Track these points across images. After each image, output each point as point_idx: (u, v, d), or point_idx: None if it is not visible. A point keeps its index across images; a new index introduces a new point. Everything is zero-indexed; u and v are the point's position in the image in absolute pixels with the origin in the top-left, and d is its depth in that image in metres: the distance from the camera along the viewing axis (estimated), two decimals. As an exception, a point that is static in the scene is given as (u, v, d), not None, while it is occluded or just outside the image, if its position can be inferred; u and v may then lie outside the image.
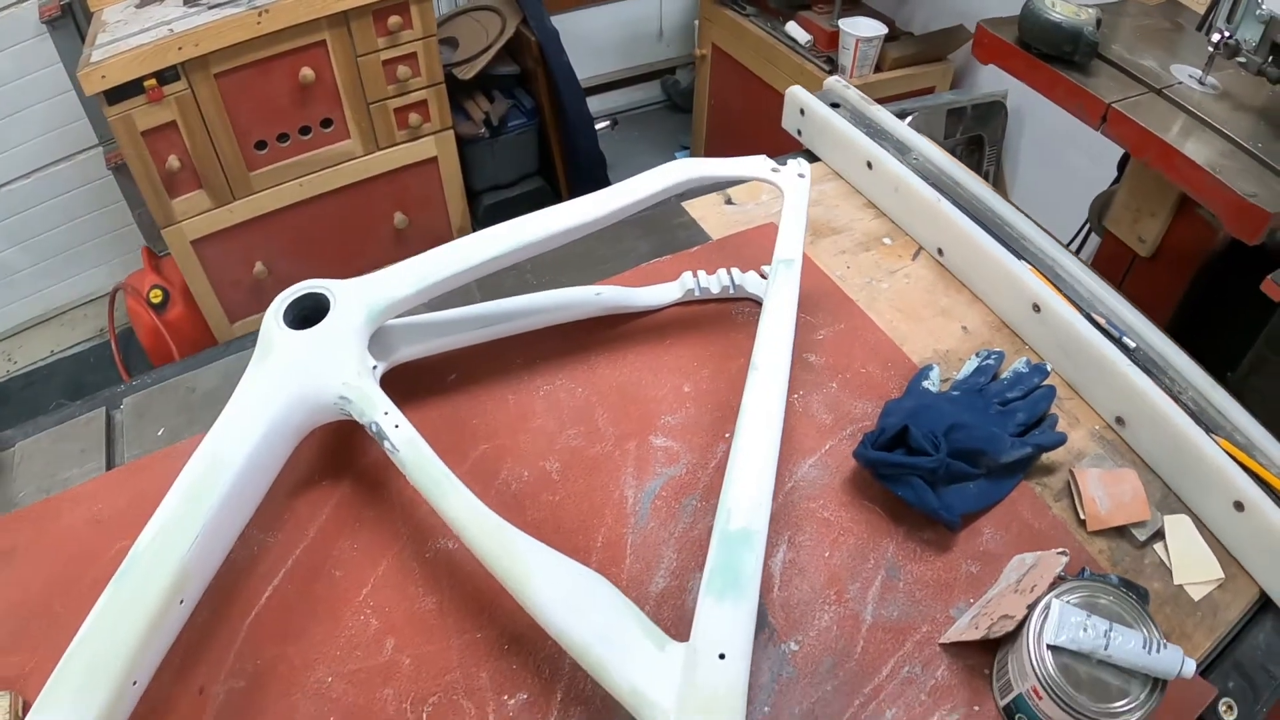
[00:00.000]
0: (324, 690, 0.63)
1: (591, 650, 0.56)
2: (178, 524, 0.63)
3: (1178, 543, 0.74)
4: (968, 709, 0.63)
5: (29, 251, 2.11)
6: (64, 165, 2.02)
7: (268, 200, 1.69)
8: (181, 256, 1.68)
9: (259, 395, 0.70)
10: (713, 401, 0.79)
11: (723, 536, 0.60)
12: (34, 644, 0.67)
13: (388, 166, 1.75)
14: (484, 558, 0.60)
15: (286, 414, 0.69)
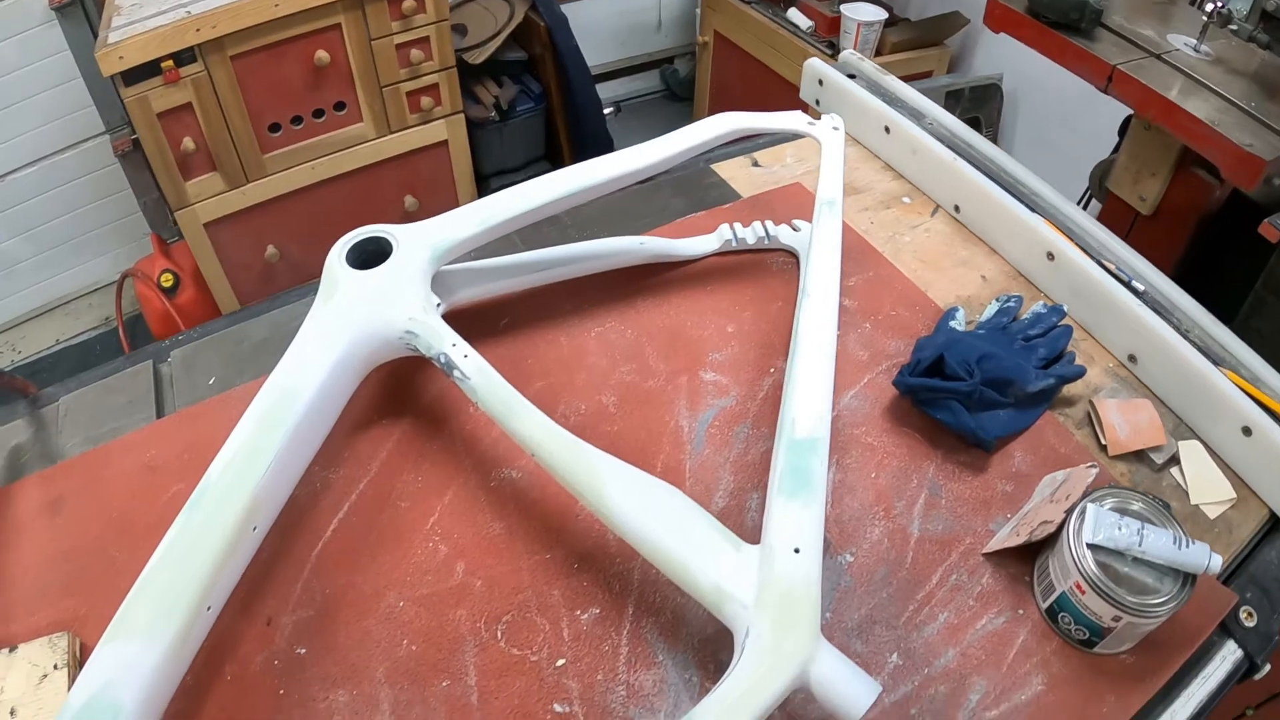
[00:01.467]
0: (396, 614, 0.66)
1: (671, 552, 0.59)
2: (250, 452, 0.66)
3: (1192, 466, 0.79)
4: (1012, 613, 0.67)
5: (33, 241, 2.10)
6: (69, 154, 2.02)
7: (281, 183, 1.70)
8: (194, 239, 1.69)
9: (327, 331, 0.72)
10: (756, 340, 0.82)
11: (789, 443, 0.63)
12: (89, 588, 0.69)
13: (399, 150, 1.78)
14: (559, 473, 0.63)
15: (353, 348, 0.72)
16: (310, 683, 0.63)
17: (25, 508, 0.75)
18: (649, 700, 0.61)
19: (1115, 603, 0.62)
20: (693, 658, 0.63)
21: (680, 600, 0.66)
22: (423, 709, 0.61)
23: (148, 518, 0.73)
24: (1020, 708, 0.62)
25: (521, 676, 0.62)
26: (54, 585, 0.69)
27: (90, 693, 0.56)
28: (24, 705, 0.62)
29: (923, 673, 0.64)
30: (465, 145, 1.87)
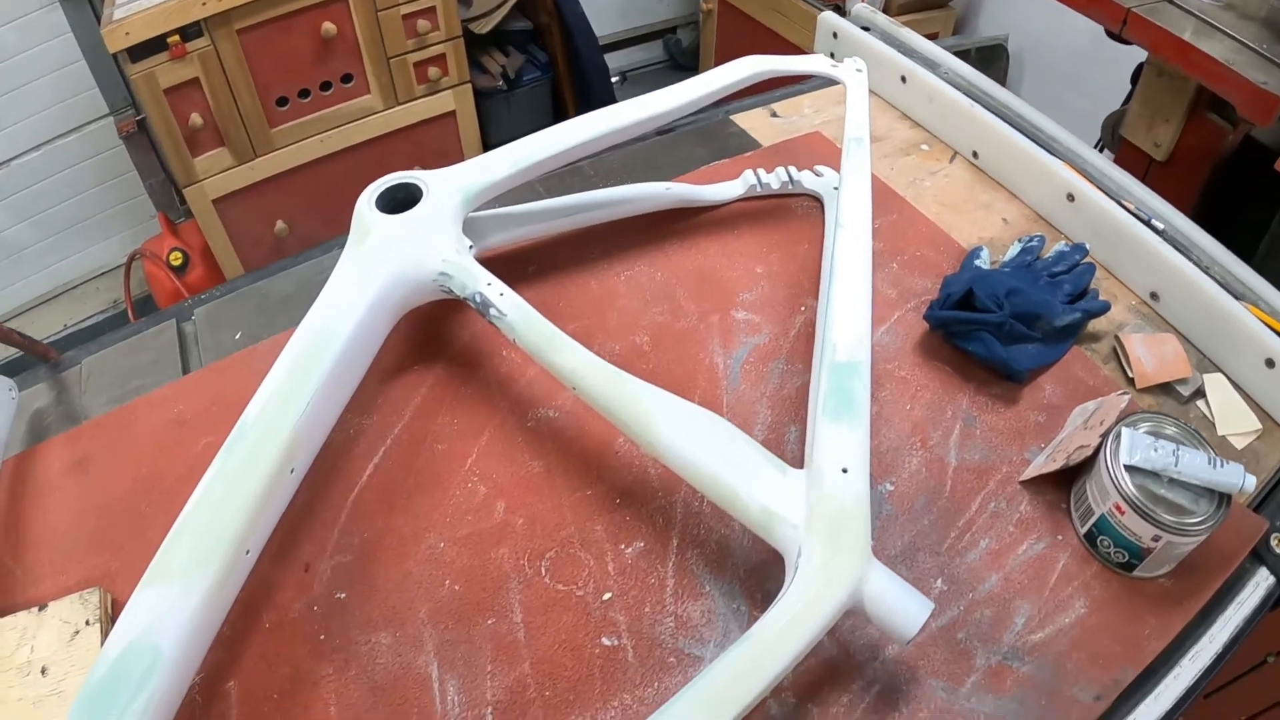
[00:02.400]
0: (437, 555, 0.65)
1: (720, 478, 0.58)
2: (287, 394, 0.64)
3: (1217, 397, 0.78)
4: (1051, 538, 0.66)
5: (39, 227, 2.06)
6: (74, 137, 1.98)
7: (289, 157, 1.68)
8: (203, 215, 1.66)
9: (359, 275, 0.71)
10: (785, 280, 0.81)
11: (831, 368, 0.62)
12: (119, 544, 0.67)
13: (407, 121, 1.75)
14: (603, 404, 0.62)
15: (387, 291, 0.70)
16: (351, 627, 0.62)
17: (51, 468, 0.74)
18: (698, 631, 0.60)
19: (1154, 522, 0.61)
20: (740, 588, 0.62)
21: (725, 532, 0.65)
22: (468, 648, 0.60)
23: (177, 471, 0.72)
24: (1064, 630, 0.62)
25: (568, 611, 0.61)
26: (82, 543, 0.68)
27: (128, 640, 0.55)
28: (55, 663, 0.61)
29: (967, 597, 0.63)
30: (473, 115, 1.84)
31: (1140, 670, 0.60)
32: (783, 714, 0.57)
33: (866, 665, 0.59)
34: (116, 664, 0.54)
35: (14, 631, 0.63)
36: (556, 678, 0.58)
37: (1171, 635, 0.62)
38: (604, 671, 0.58)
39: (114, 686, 0.53)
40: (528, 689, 0.58)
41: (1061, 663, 0.60)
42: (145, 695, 0.53)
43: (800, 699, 0.58)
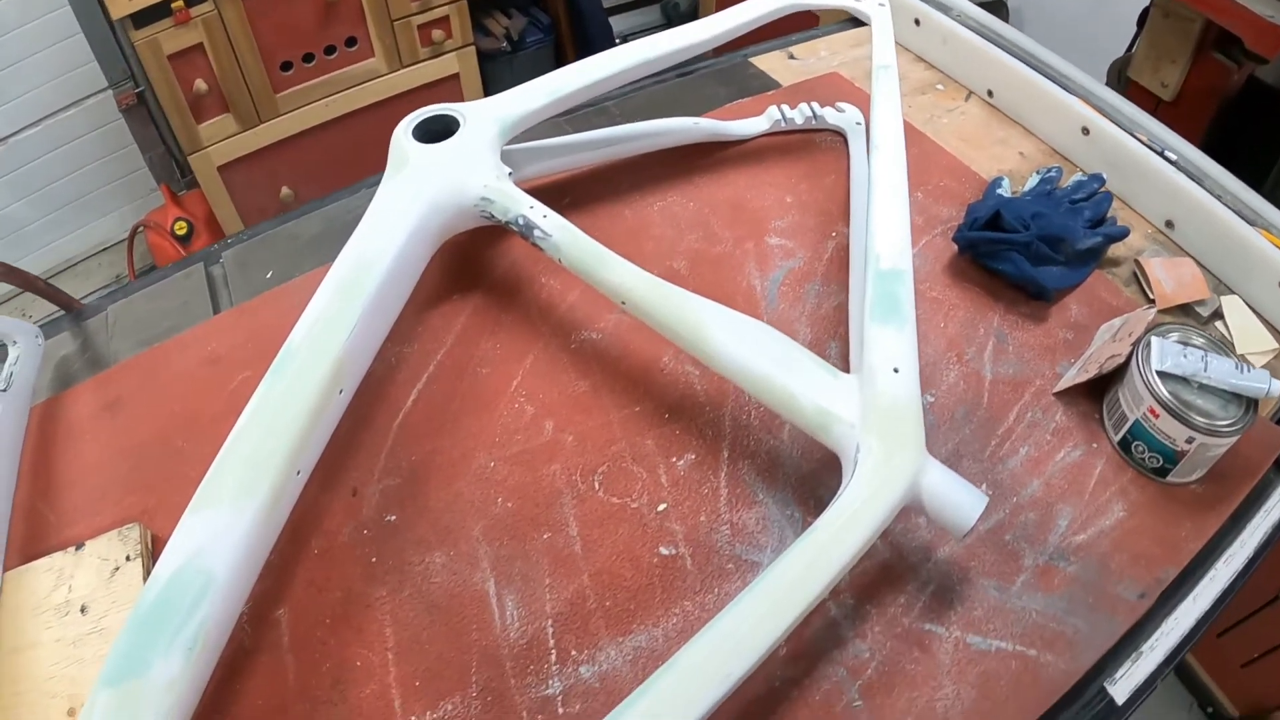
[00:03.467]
0: (488, 474, 0.63)
1: (774, 380, 0.57)
2: (333, 316, 0.63)
3: (1235, 318, 0.79)
4: (1087, 446, 0.66)
5: (40, 203, 2.00)
6: (73, 111, 1.92)
7: (294, 122, 1.64)
8: (208, 183, 1.62)
9: (400, 202, 0.69)
10: (815, 208, 0.80)
11: (876, 275, 0.62)
12: (156, 482, 0.66)
13: (411, 84, 1.71)
14: (654, 315, 0.61)
15: (428, 217, 0.68)
16: (404, 548, 0.61)
17: (81, 412, 0.72)
18: (754, 537, 0.60)
19: (1188, 424, 0.61)
20: (792, 495, 0.62)
21: (774, 443, 0.64)
22: (525, 562, 0.59)
23: (214, 408, 0.70)
24: (1106, 532, 0.62)
25: (624, 523, 0.60)
26: (117, 484, 0.66)
27: (179, 563, 0.53)
28: (95, 601, 0.60)
29: (1011, 501, 0.63)
30: (477, 77, 1.80)
31: (1180, 570, 0.60)
32: (842, 615, 0.57)
33: (920, 567, 0.59)
34: (167, 589, 0.52)
35: (50, 573, 0.61)
36: (616, 588, 0.57)
37: (1206, 537, 0.62)
38: (663, 580, 0.58)
39: (165, 611, 0.51)
40: (587, 600, 0.57)
41: (1105, 563, 0.60)
42: (198, 619, 0.51)
43: (859, 600, 0.57)
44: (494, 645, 0.56)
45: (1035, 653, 0.56)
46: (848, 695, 0.54)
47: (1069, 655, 0.56)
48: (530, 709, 0.53)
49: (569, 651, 0.55)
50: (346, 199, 0.87)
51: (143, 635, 0.51)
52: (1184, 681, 1.29)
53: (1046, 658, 0.56)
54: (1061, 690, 0.55)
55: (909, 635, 0.56)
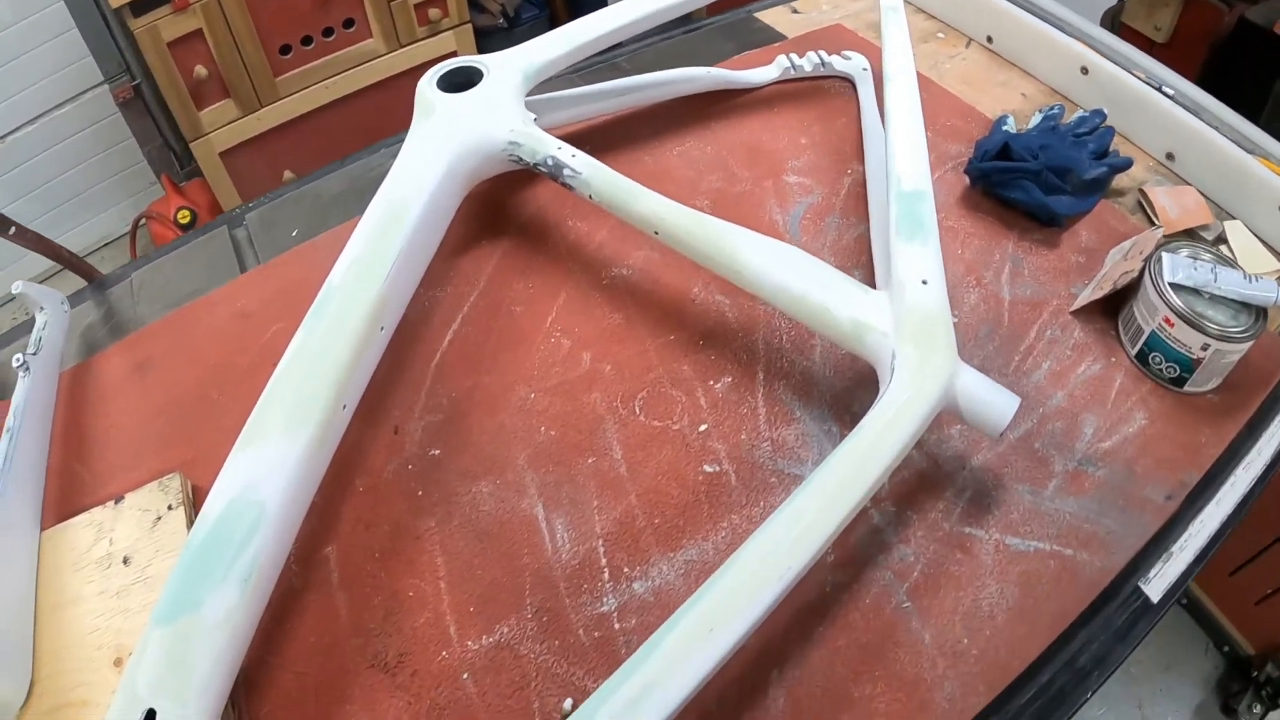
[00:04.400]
0: (529, 405, 0.63)
1: (809, 296, 0.58)
2: (371, 256, 0.62)
3: (1238, 241, 0.80)
4: (1105, 360, 0.67)
5: (39, 201, 1.97)
6: (70, 107, 1.89)
7: (294, 105, 1.62)
8: (210, 169, 1.61)
9: (429, 148, 0.69)
10: (828, 148, 0.81)
11: (899, 195, 0.63)
12: (193, 435, 0.65)
13: (409, 64, 1.70)
14: (688, 243, 0.61)
15: (458, 162, 0.68)
16: (450, 480, 0.60)
17: (111, 374, 0.71)
18: (794, 452, 0.60)
19: (1203, 330, 0.62)
20: (829, 411, 0.62)
21: (806, 364, 0.65)
22: (571, 487, 0.59)
23: (248, 360, 0.69)
24: (1130, 439, 0.62)
25: (667, 445, 0.61)
26: (153, 439, 0.65)
27: (230, 497, 0.52)
28: (138, 552, 0.59)
29: (1038, 412, 0.63)
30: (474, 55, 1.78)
31: (1202, 475, 0.61)
32: (885, 522, 0.57)
33: (955, 474, 0.60)
34: (219, 524, 0.52)
35: (89, 528, 0.61)
36: (664, 506, 0.58)
37: (1226, 443, 0.63)
38: (709, 496, 0.58)
39: (218, 545, 0.51)
40: (636, 519, 0.57)
41: (1131, 467, 0.61)
42: (251, 551, 0.51)
43: (900, 507, 0.58)
44: (546, 567, 0.56)
45: (1072, 552, 0.56)
46: (896, 597, 0.54)
47: (1104, 554, 0.57)
48: (586, 626, 0.53)
49: (621, 569, 0.55)
50: (367, 158, 0.87)
51: (196, 571, 0.51)
52: (1199, 621, 1.30)
53: (1083, 556, 0.56)
54: (1100, 587, 0.55)
55: (950, 539, 0.57)
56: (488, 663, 0.53)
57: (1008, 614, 0.54)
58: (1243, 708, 1.19)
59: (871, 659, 0.52)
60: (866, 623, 0.53)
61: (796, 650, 0.52)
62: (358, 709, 0.52)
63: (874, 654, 0.52)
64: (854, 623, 0.53)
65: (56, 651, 0.55)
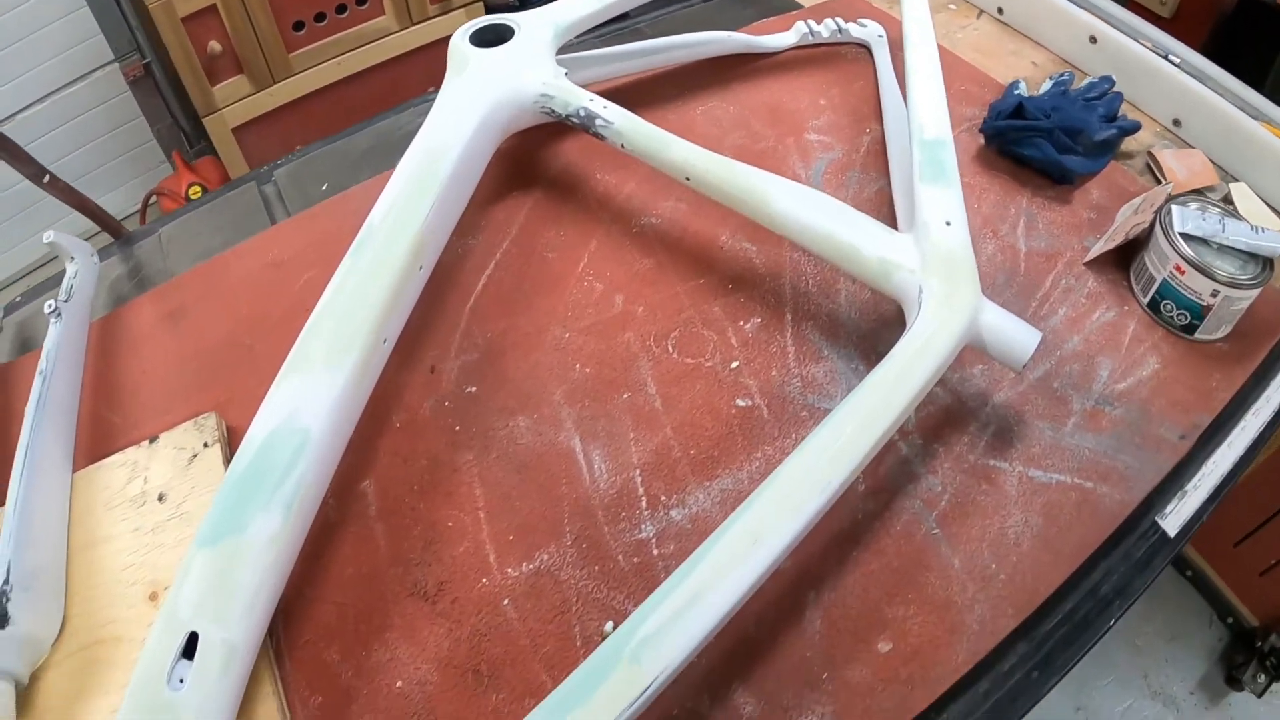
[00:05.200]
0: (564, 345, 0.64)
1: (837, 236, 0.59)
2: (410, 197, 0.63)
3: (1243, 202, 0.81)
4: (1119, 308, 0.68)
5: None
6: (79, 85, 1.87)
7: (307, 81, 1.61)
8: (222, 145, 1.60)
9: (464, 99, 0.69)
10: (847, 109, 0.81)
11: (921, 143, 0.64)
12: (227, 378, 0.65)
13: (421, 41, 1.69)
14: (720, 188, 0.62)
15: (491, 113, 0.69)
16: (487, 415, 0.61)
17: (141, 324, 0.71)
18: (823, 388, 0.61)
19: (1212, 277, 0.63)
20: (855, 351, 0.63)
21: (832, 306, 0.65)
22: (607, 421, 0.60)
23: (281, 308, 0.69)
24: (1144, 381, 0.63)
25: (700, 380, 0.61)
26: (186, 384, 0.66)
27: (274, 424, 0.53)
28: (173, 489, 0.59)
29: (1056, 354, 0.64)
30: None
31: (1214, 417, 0.62)
32: (913, 453, 0.58)
33: (979, 410, 0.61)
34: (264, 449, 0.52)
35: (122, 468, 0.60)
36: (698, 438, 0.58)
37: (1236, 387, 0.64)
38: (742, 428, 0.59)
39: (263, 469, 0.51)
40: (672, 450, 0.58)
41: (1146, 408, 0.62)
42: (296, 476, 0.51)
43: (926, 440, 0.59)
44: (584, 497, 0.56)
45: (1092, 485, 0.58)
46: (926, 525, 0.55)
47: (1123, 487, 0.58)
48: (625, 552, 0.54)
49: (658, 497, 0.56)
50: (394, 116, 0.87)
51: (241, 494, 0.51)
52: (1203, 593, 1.30)
53: (1102, 489, 0.57)
54: (1119, 520, 0.57)
55: (975, 470, 0.57)
56: (528, 589, 0.53)
57: (1033, 542, 0.55)
58: (1247, 678, 1.20)
59: (904, 582, 0.53)
60: (898, 548, 0.54)
61: (832, 574, 0.53)
62: (398, 636, 0.52)
63: (906, 578, 0.53)
64: (886, 548, 0.54)
65: (88, 590, 0.55)
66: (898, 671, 0.49)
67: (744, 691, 0.49)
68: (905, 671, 0.49)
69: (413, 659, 0.51)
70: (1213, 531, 1.20)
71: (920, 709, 0.49)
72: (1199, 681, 1.24)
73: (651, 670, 0.42)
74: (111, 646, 0.53)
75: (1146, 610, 1.27)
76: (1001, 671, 0.51)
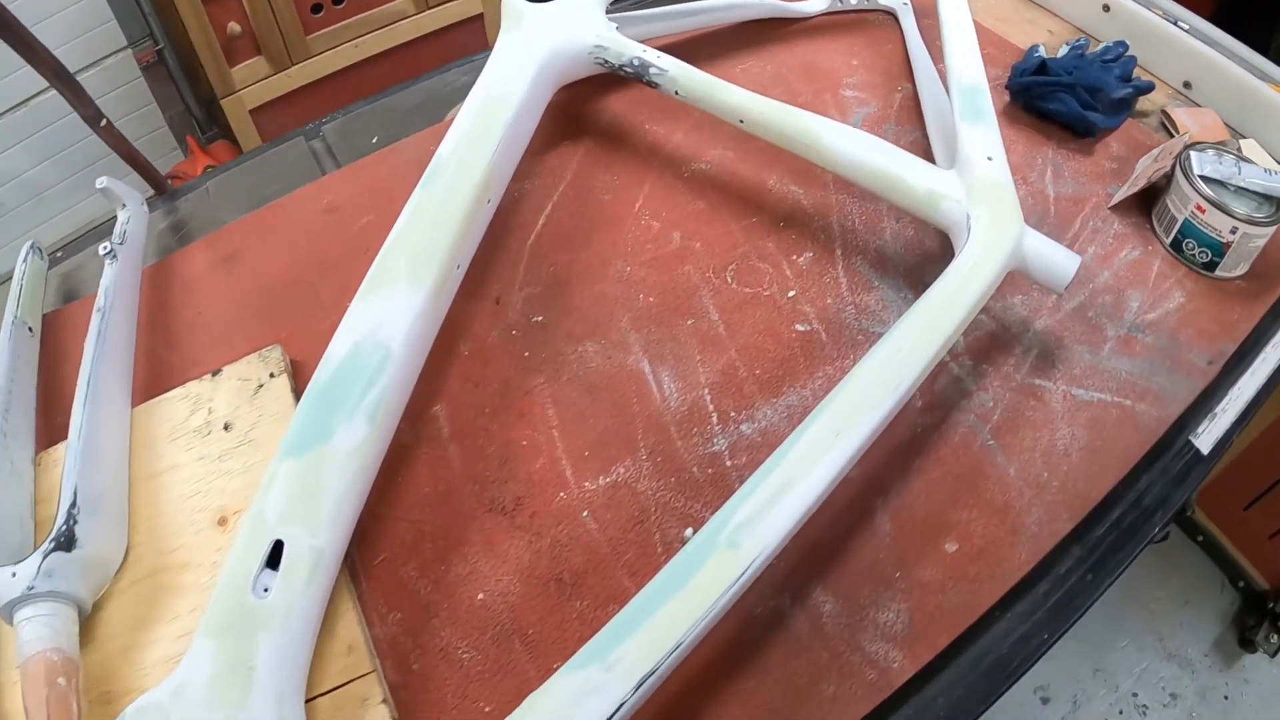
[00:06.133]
0: (626, 277, 0.66)
1: (887, 170, 0.61)
2: (475, 138, 0.65)
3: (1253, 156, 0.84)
4: (1144, 248, 0.71)
5: (60, 165, 1.93)
6: (92, 72, 1.86)
7: (325, 63, 1.62)
8: (240, 127, 1.60)
9: (520, 51, 0.71)
10: (879, 69, 0.84)
11: (959, 89, 0.67)
12: (287, 315, 0.66)
13: (436, 25, 1.70)
14: (772, 127, 0.64)
15: (548, 63, 0.71)
16: (555, 341, 0.63)
17: (195, 268, 0.71)
18: (876, 314, 0.63)
19: (1231, 214, 0.66)
20: (904, 281, 0.65)
21: (879, 242, 0.68)
22: (674, 345, 0.62)
23: (340, 248, 0.70)
24: (1172, 312, 0.66)
25: (759, 308, 0.63)
26: (245, 322, 0.66)
27: (358, 337, 0.54)
28: (239, 418, 0.59)
29: (1089, 287, 0.67)
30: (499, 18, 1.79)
31: (1237, 345, 0.65)
32: (964, 373, 0.61)
33: (1021, 336, 0.63)
34: (346, 362, 0.54)
35: (184, 401, 0.61)
36: (762, 359, 0.60)
37: (1256, 319, 0.67)
38: (803, 350, 0.61)
39: (347, 381, 0.53)
40: (738, 370, 0.60)
41: (1175, 335, 0.65)
42: (380, 387, 0.53)
43: (975, 362, 0.61)
44: (656, 414, 0.58)
45: (1130, 403, 0.60)
46: (981, 437, 0.57)
47: (1159, 406, 0.60)
48: (699, 464, 0.56)
49: (728, 413, 0.58)
50: (440, 75, 0.88)
51: (325, 405, 0.52)
52: (1214, 558, 1.32)
53: (1140, 407, 0.60)
54: (1157, 434, 0.59)
55: (1023, 389, 0.60)
56: (606, 500, 0.55)
57: (1081, 453, 0.57)
58: (1260, 639, 1.22)
59: (964, 489, 0.55)
60: (957, 458, 0.56)
61: (897, 482, 0.55)
62: (476, 551, 0.54)
63: (967, 484, 0.55)
64: (945, 458, 0.56)
65: (152, 518, 0.56)
66: (966, 569, 0.52)
67: (823, 591, 0.51)
68: (973, 569, 0.52)
69: (493, 572, 0.53)
70: (1222, 496, 1.23)
71: (988, 604, 0.51)
72: (1213, 644, 1.26)
73: (749, 553, 0.44)
74: (178, 572, 0.53)
75: (1160, 575, 1.30)
76: (1059, 574, 0.54)
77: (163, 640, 0.50)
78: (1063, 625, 0.52)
